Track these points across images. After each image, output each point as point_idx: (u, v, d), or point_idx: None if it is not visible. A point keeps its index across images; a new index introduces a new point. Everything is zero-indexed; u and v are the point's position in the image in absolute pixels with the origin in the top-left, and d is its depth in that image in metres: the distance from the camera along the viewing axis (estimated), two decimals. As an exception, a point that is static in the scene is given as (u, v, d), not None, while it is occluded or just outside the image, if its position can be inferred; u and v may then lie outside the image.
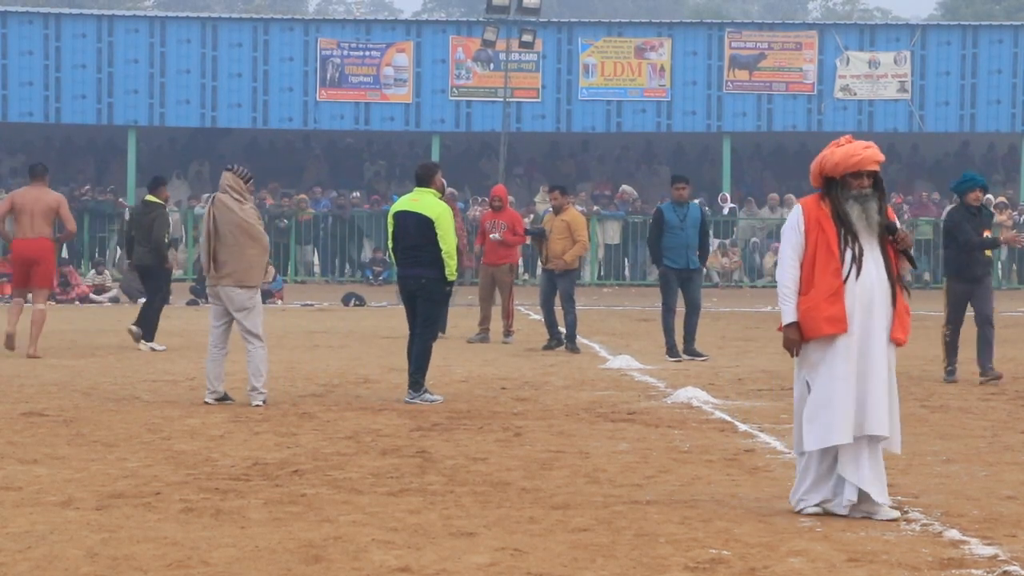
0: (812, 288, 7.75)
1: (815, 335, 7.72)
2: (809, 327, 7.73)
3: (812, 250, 7.77)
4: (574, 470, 9.21)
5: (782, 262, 7.88)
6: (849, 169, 7.78)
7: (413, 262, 12.97)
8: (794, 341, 7.79)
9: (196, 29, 38.06)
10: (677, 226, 17.28)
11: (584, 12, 75.89)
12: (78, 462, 9.33)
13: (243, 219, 12.55)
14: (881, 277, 7.76)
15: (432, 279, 12.91)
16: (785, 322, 7.82)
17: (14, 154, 39.24)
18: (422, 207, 12.98)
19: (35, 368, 15.33)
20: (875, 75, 38.34)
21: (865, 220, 7.77)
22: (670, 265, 17.29)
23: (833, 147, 7.89)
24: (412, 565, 6.55)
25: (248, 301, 12.56)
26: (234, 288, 12.55)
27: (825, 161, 7.86)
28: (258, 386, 12.39)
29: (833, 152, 7.85)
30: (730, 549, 6.93)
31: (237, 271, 12.54)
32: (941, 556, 6.80)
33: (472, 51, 37.83)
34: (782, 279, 7.85)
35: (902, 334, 7.84)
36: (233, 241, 12.53)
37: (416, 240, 12.90)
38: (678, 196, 17.50)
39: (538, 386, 14.17)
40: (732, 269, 35.41)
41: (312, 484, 8.62)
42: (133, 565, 6.52)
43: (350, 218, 35.53)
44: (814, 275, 7.75)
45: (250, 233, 12.55)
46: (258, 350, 12.47)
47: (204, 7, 77.62)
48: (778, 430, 11.16)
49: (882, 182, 7.94)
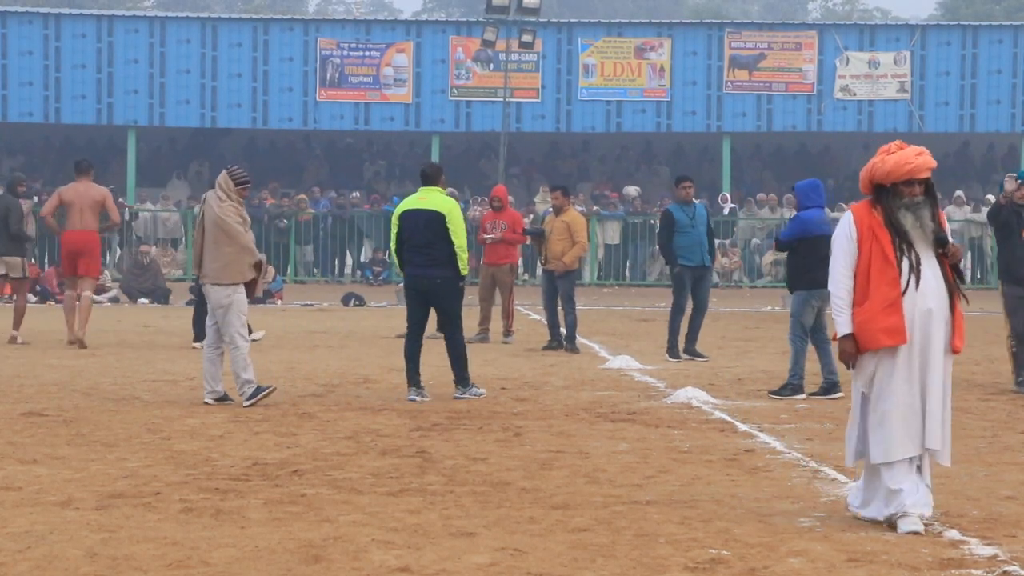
0: (868, 299, 7.53)
1: (872, 347, 7.52)
2: (866, 339, 7.53)
3: (866, 259, 7.56)
4: (574, 470, 9.21)
5: (834, 272, 7.66)
6: (901, 178, 7.59)
7: (425, 261, 12.98)
8: (850, 353, 7.59)
9: (196, 29, 38.05)
10: (688, 224, 17.30)
11: (584, 12, 75.91)
12: (78, 462, 9.33)
13: (219, 217, 12.53)
14: (940, 286, 7.58)
15: (447, 278, 12.98)
16: (840, 334, 7.61)
17: (14, 154, 39.25)
18: (431, 204, 13.03)
19: (35, 368, 15.33)
20: (875, 75, 38.34)
21: (920, 228, 7.58)
22: (686, 263, 17.28)
23: (884, 154, 7.69)
24: (412, 565, 6.55)
25: (224, 299, 12.51)
26: (211, 286, 12.60)
27: (876, 169, 7.66)
28: (236, 386, 12.38)
29: (884, 160, 7.64)
30: (730, 549, 6.93)
31: (214, 269, 12.57)
32: (941, 556, 6.80)
33: (472, 51, 37.83)
34: (835, 290, 7.64)
35: (960, 342, 7.68)
36: (212, 239, 12.59)
37: (427, 238, 12.93)
38: (686, 196, 17.52)
39: (538, 386, 14.17)
40: (732, 269, 35.40)
41: (312, 484, 8.62)
42: (133, 565, 6.52)
43: (350, 218, 35.53)
44: (869, 285, 7.54)
45: (226, 231, 12.53)
46: (234, 352, 12.39)
47: (204, 7, 77.64)
48: (778, 430, 11.17)
49: (934, 188, 7.75)
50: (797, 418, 11.99)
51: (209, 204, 12.67)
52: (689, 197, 17.53)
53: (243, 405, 12.25)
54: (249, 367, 12.38)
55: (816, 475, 9.10)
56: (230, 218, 12.55)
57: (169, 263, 33.61)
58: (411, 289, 13.22)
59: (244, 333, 12.53)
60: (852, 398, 7.80)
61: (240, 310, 12.53)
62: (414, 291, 13.16)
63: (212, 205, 12.62)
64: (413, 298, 13.21)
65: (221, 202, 12.60)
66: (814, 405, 12.85)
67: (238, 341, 12.42)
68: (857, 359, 7.60)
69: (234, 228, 12.53)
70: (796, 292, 13.62)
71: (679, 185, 17.79)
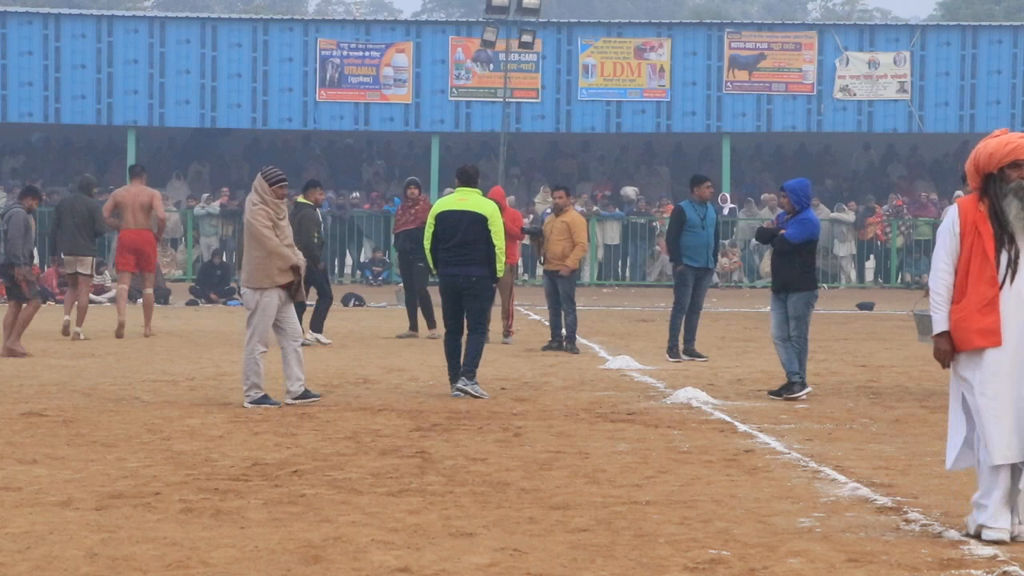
0: (965, 296, 7.20)
1: (966, 347, 7.19)
2: (960, 338, 7.20)
3: (967, 255, 7.21)
4: (574, 470, 9.21)
5: (935, 267, 7.32)
6: (1005, 159, 7.18)
7: (461, 260, 13.22)
8: (945, 352, 7.26)
9: (196, 29, 38.06)
10: (698, 225, 17.25)
11: (584, 12, 75.92)
12: (78, 462, 9.33)
13: (248, 220, 12.59)
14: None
15: (482, 277, 13.24)
16: (936, 331, 7.28)
17: (14, 154, 39.25)
18: (472, 205, 13.33)
19: (35, 368, 15.33)
20: (875, 75, 38.34)
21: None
22: (690, 264, 17.24)
23: (986, 140, 7.33)
24: (412, 565, 6.55)
25: (250, 302, 12.56)
26: (244, 288, 12.72)
27: (979, 155, 7.28)
28: (244, 387, 12.39)
29: (986, 144, 7.29)
30: (730, 549, 6.92)
31: (246, 272, 12.66)
32: (941, 556, 6.80)
33: (472, 51, 37.83)
34: (934, 285, 7.30)
35: None
36: (246, 243, 12.66)
37: (466, 238, 13.20)
38: (704, 195, 17.44)
39: (538, 386, 14.17)
40: (732, 269, 35.41)
41: (312, 484, 8.61)
42: (133, 565, 6.52)
43: (350, 218, 35.52)
44: (968, 282, 7.21)
45: (252, 234, 12.56)
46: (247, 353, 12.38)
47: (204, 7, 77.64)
48: (778, 430, 11.16)
49: None
50: (797, 418, 11.99)
51: (245, 207, 12.75)
52: (706, 197, 17.47)
53: (244, 405, 12.27)
54: (260, 372, 12.41)
55: (816, 475, 9.10)
56: (258, 222, 12.53)
57: (169, 263, 33.60)
58: (447, 288, 13.42)
59: (265, 339, 12.55)
60: (950, 401, 7.48)
61: (266, 314, 12.53)
62: (450, 290, 13.37)
63: (246, 208, 12.68)
64: (448, 297, 13.43)
65: (253, 205, 12.61)
66: (814, 405, 12.84)
67: (254, 343, 12.45)
68: (953, 358, 7.28)
69: (261, 232, 12.51)
70: (799, 293, 13.50)
71: (701, 184, 17.54)
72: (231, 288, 28.98)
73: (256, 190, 12.70)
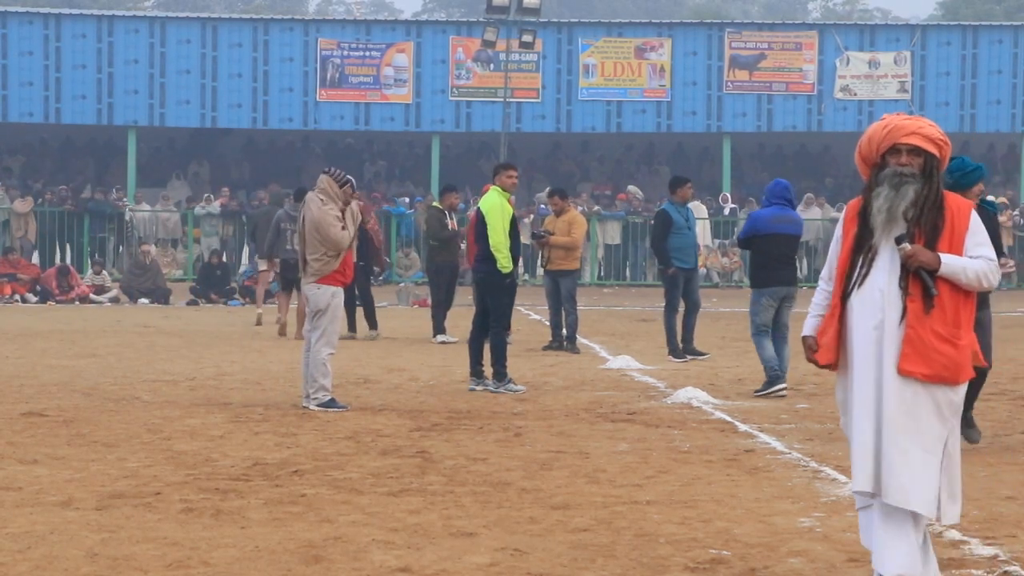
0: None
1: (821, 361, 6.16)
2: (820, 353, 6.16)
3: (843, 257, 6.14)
4: (574, 470, 9.21)
5: (822, 275, 6.33)
6: (883, 144, 6.07)
7: (477, 255, 14.14)
8: (808, 357, 6.20)
9: (196, 29, 38.05)
10: (684, 226, 17.37)
11: (584, 12, 75.93)
12: (78, 462, 9.33)
13: (317, 218, 12.50)
14: (893, 287, 5.91)
15: (488, 272, 13.95)
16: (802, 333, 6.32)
17: (14, 154, 39.24)
18: (481, 202, 14.24)
19: (35, 368, 15.34)
20: (875, 75, 38.34)
21: (887, 212, 5.98)
22: (681, 265, 17.32)
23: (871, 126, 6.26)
24: (412, 565, 6.55)
25: (320, 301, 12.46)
26: (307, 286, 12.62)
27: (860, 144, 6.23)
28: (310, 392, 12.31)
29: (868, 130, 6.24)
30: (730, 549, 6.93)
31: (311, 270, 12.60)
32: (941, 556, 6.80)
33: (472, 51, 37.83)
34: (815, 297, 6.33)
35: (918, 365, 5.82)
36: (310, 240, 12.60)
37: (476, 233, 14.18)
38: (686, 196, 17.59)
39: (538, 386, 14.18)
40: (732, 269, 35.41)
41: (312, 484, 8.62)
42: (133, 565, 6.52)
43: (350, 218, 35.46)
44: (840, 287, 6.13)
45: (320, 232, 12.51)
46: (315, 355, 12.32)
47: (204, 7, 77.63)
48: (778, 430, 11.17)
49: (937, 170, 6.13)
50: (797, 418, 11.99)
51: (308, 207, 12.67)
52: (690, 198, 17.66)
53: (312, 408, 12.16)
54: (328, 374, 12.34)
55: (816, 475, 9.10)
56: (327, 221, 12.45)
57: (169, 263, 33.60)
58: (472, 282, 14.76)
59: (334, 341, 12.54)
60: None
61: (336, 315, 12.53)
62: (472, 283, 14.75)
63: (311, 208, 12.61)
64: (474, 291, 14.72)
65: (323, 204, 12.58)
66: (814, 405, 12.85)
67: (322, 345, 12.38)
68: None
69: (327, 232, 12.39)
70: (752, 290, 14.00)
71: (683, 185, 17.69)
72: (231, 288, 29.00)
73: (324, 190, 12.67)
